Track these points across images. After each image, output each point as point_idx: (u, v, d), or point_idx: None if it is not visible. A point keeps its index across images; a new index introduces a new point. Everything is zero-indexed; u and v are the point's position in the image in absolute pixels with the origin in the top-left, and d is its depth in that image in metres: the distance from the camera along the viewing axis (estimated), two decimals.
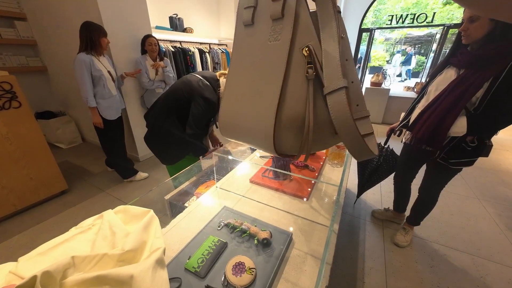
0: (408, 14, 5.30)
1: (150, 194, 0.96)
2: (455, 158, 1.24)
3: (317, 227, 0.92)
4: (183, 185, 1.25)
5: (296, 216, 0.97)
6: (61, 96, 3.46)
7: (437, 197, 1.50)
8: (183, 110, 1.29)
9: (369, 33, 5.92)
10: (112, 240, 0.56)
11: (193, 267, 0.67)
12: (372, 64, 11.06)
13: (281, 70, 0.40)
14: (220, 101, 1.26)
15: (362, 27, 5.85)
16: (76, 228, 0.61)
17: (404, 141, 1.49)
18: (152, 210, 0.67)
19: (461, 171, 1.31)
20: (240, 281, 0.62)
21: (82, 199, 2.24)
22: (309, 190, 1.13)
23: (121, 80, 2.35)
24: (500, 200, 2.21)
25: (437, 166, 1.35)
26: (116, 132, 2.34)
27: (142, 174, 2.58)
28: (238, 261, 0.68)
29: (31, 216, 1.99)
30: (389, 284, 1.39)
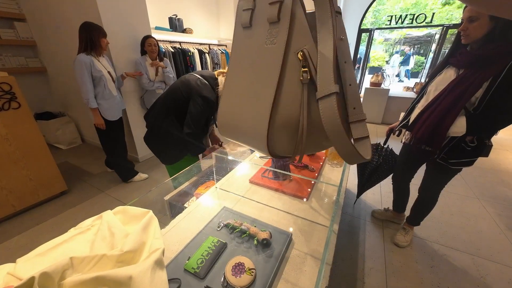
0: (407, 15, 5.32)
1: (149, 194, 0.96)
2: (454, 158, 1.24)
3: (317, 227, 0.91)
4: (183, 186, 1.25)
5: (296, 216, 0.97)
6: (61, 97, 3.46)
7: (437, 197, 1.50)
8: (182, 110, 1.28)
9: (368, 33, 5.94)
10: (111, 241, 0.56)
11: (193, 268, 0.67)
12: (371, 64, 11.08)
13: (276, 74, 0.40)
14: (219, 100, 1.26)
15: (362, 28, 5.86)
16: (75, 229, 0.61)
17: (403, 141, 1.49)
18: (151, 211, 0.67)
19: (461, 171, 1.30)
20: (240, 282, 0.62)
21: (82, 199, 2.24)
22: (308, 191, 1.13)
23: (121, 80, 2.35)
24: (500, 200, 2.21)
25: (437, 166, 1.35)
26: (118, 132, 2.33)
27: (142, 175, 2.57)
28: (238, 261, 0.67)
29: (30, 217, 1.99)
30: (389, 284, 1.39)
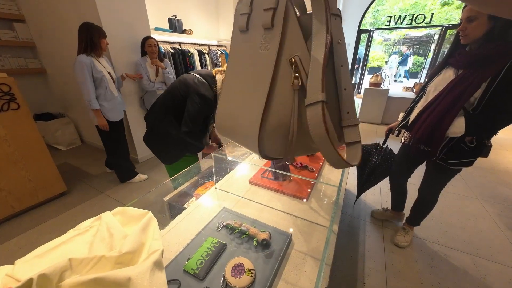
0: (406, 15, 5.33)
1: (149, 195, 0.96)
2: (454, 159, 1.24)
3: (317, 227, 0.91)
4: (182, 186, 1.25)
5: (296, 217, 0.97)
6: (60, 97, 3.45)
7: (437, 198, 1.50)
8: (181, 109, 1.27)
9: (367, 34, 5.95)
10: (110, 242, 0.56)
11: (192, 269, 0.66)
12: (370, 65, 11.10)
13: (268, 79, 0.41)
14: (217, 98, 1.26)
15: (361, 28, 5.87)
16: (74, 230, 0.61)
17: (403, 141, 1.49)
18: (150, 212, 0.67)
19: (460, 171, 1.30)
20: (240, 283, 0.62)
21: (81, 200, 2.23)
22: (308, 191, 1.13)
23: (121, 81, 2.34)
24: (500, 200, 2.21)
25: (436, 167, 1.35)
26: (120, 133, 2.33)
27: (142, 176, 2.57)
28: (237, 262, 0.67)
29: (30, 218, 1.99)
30: (390, 285, 1.39)
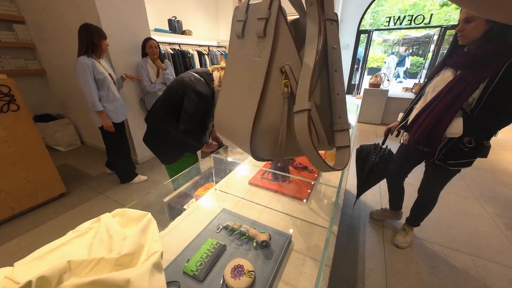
0: (405, 16, 5.36)
1: (148, 196, 0.96)
2: (453, 159, 1.24)
3: (317, 228, 0.91)
4: (182, 188, 1.25)
5: (295, 218, 0.97)
6: (60, 99, 3.45)
7: (436, 198, 1.50)
8: (179, 109, 1.27)
9: (367, 34, 5.96)
10: (109, 244, 0.56)
11: (192, 271, 0.66)
12: (370, 65, 11.12)
13: (260, 86, 0.42)
14: (215, 95, 1.26)
15: (360, 29, 5.88)
16: (73, 232, 0.61)
17: (402, 141, 1.49)
18: (149, 213, 0.67)
19: (459, 171, 1.31)
20: (239, 284, 0.62)
21: (81, 202, 2.23)
22: (308, 192, 1.12)
23: (121, 82, 2.34)
24: (500, 200, 2.21)
25: (436, 167, 1.35)
26: (122, 134, 2.34)
27: (142, 177, 2.57)
28: (237, 264, 0.67)
29: (29, 220, 1.98)
30: (390, 286, 1.38)
